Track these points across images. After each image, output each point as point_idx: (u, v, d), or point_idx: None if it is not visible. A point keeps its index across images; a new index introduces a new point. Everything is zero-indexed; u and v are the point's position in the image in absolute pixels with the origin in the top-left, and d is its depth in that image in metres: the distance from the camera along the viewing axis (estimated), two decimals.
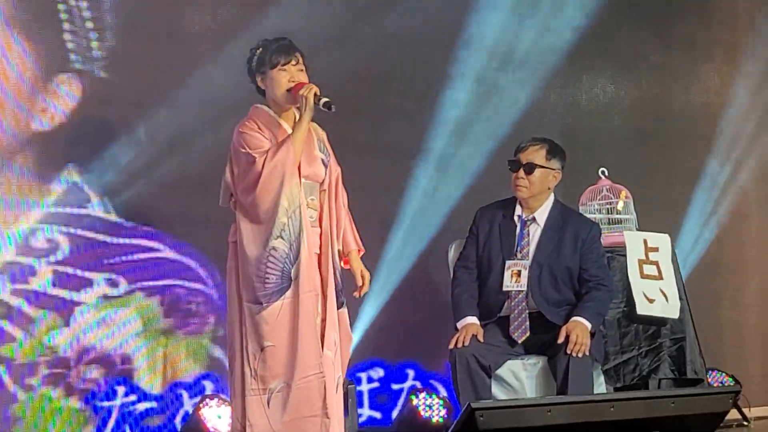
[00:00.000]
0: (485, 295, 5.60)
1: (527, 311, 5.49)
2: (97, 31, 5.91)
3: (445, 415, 6.12)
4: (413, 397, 6.17)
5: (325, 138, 4.92)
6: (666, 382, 5.81)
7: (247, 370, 4.60)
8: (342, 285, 4.81)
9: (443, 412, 6.14)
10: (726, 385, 6.73)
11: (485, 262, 5.63)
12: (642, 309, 5.83)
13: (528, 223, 5.62)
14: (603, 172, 6.21)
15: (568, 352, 5.30)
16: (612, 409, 3.93)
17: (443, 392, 6.48)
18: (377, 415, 6.49)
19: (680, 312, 5.90)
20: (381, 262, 6.42)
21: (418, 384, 6.52)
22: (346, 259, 4.91)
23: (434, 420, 6.12)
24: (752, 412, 6.71)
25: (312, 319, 4.62)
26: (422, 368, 6.59)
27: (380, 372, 6.50)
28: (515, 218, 5.64)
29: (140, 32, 6.01)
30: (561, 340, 5.34)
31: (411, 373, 6.57)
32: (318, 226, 4.77)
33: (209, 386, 6.01)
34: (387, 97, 6.67)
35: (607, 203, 6.11)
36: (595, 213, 6.08)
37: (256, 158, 4.60)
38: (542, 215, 5.63)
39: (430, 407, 6.13)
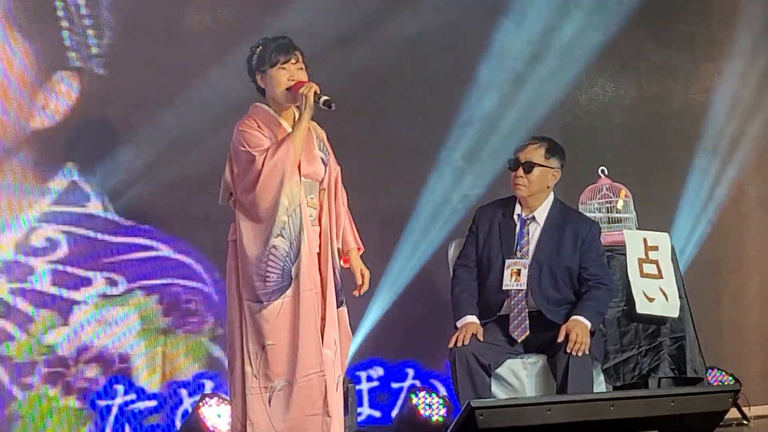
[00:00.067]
0: (485, 294, 5.59)
1: (527, 310, 5.48)
2: (95, 28, 5.91)
3: (445, 414, 6.12)
4: (413, 396, 6.16)
5: (325, 137, 4.91)
6: (666, 380, 5.80)
7: (247, 368, 4.60)
8: (342, 284, 4.81)
9: (443, 411, 6.13)
10: (726, 384, 6.72)
11: (485, 261, 5.62)
12: (642, 308, 5.82)
13: (528, 222, 5.62)
14: (603, 171, 6.21)
15: (568, 351, 5.29)
16: (612, 407, 3.92)
17: (443, 391, 6.48)
18: (377, 414, 6.49)
19: (680, 311, 5.89)
20: (381, 261, 6.42)
21: (418, 383, 6.51)
22: (346, 258, 4.90)
23: (434, 419, 6.11)
24: (752, 411, 6.70)
25: (313, 318, 4.62)
26: (422, 367, 6.58)
27: (380, 371, 6.50)
28: (515, 217, 5.64)
29: (139, 30, 6.01)
30: (561, 339, 5.34)
31: (411, 372, 6.56)
32: (318, 224, 4.77)
33: (209, 385, 6.01)
34: (387, 96, 6.67)
35: (607, 202, 6.11)
36: (594, 212, 6.07)
37: (256, 157, 4.60)
38: (542, 214, 5.62)
39: (430, 406, 6.12)
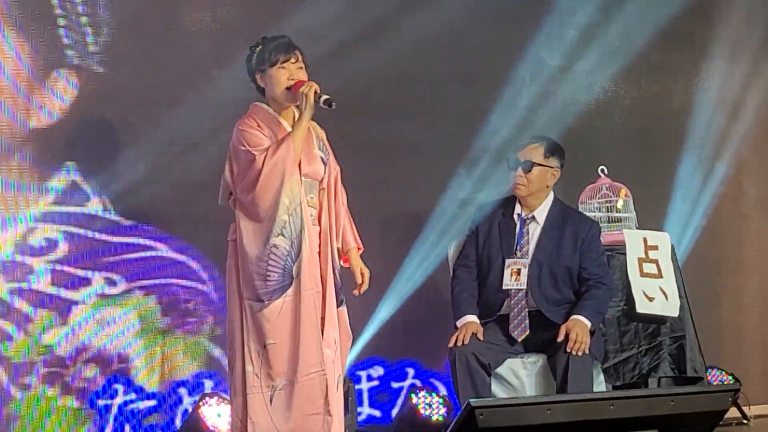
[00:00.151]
0: (485, 294, 5.59)
1: (527, 310, 5.49)
2: (93, 26, 5.90)
3: (445, 414, 6.12)
4: (413, 395, 6.15)
5: (325, 137, 4.91)
6: (666, 380, 5.80)
7: (248, 367, 4.59)
8: (341, 283, 4.81)
9: (443, 410, 6.13)
10: (726, 383, 6.72)
11: (485, 260, 5.62)
12: (642, 307, 5.83)
13: (527, 221, 5.62)
14: (602, 171, 6.21)
15: (568, 350, 5.29)
16: (612, 407, 3.91)
17: (443, 390, 6.48)
18: (377, 413, 6.49)
19: (680, 310, 5.89)
20: (381, 261, 6.42)
21: (418, 382, 6.51)
22: (346, 258, 4.90)
23: (434, 418, 6.11)
24: (752, 411, 6.70)
25: (314, 317, 4.61)
26: (422, 367, 6.58)
27: (380, 370, 6.50)
28: (515, 217, 5.64)
29: (139, 30, 6.01)
30: (561, 338, 5.34)
31: (411, 371, 6.56)
32: (317, 224, 4.76)
33: (209, 384, 6.01)
34: (387, 96, 6.67)
35: (607, 201, 6.11)
36: (594, 211, 6.07)
37: (256, 156, 4.59)
38: (542, 214, 5.62)
39: (430, 405, 6.12)
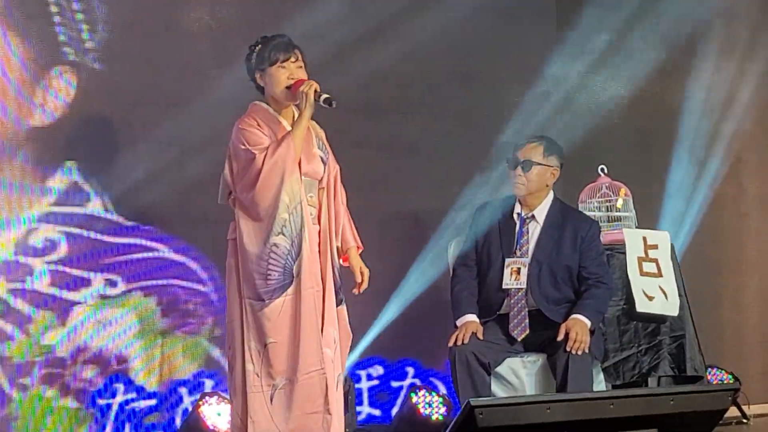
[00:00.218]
0: (485, 293, 5.59)
1: (527, 309, 5.48)
2: (88, 23, 5.89)
3: (445, 413, 6.12)
4: (413, 394, 6.16)
5: (324, 136, 4.90)
6: (666, 379, 5.80)
7: (249, 366, 4.58)
8: (341, 282, 4.81)
9: (443, 409, 6.13)
10: (725, 382, 6.72)
11: (485, 259, 5.62)
12: (641, 306, 5.82)
13: (527, 220, 5.62)
14: (602, 170, 6.21)
15: (568, 349, 5.29)
16: (611, 406, 3.91)
17: (443, 390, 6.48)
18: (377, 412, 6.49)
19: (680, 309, 5.89)
20: (381, 261, 6.41)
21: (418, 381, 6.51)
22: (345, 257, 4.89)
23: (434, 417, 6.11)
24: (751, 410, 6.70)
25: (313, 316, 4.61)
26: (422, 366, 6.59)
27: (380, 370, 6.50)
28: (514, 216, 5.63)
29: (138, 29, 6.02)
30: (561, 337, 5.33)
31: (411, 370, 6.57)
32: (317, 223, 4.76)
33: (208, 383, 6.00)
34: (386, 95, 6.67)
35: (607, 201, 6.11)
36: (594, 210, 6.07)
37: (256, 155, 4.58)
38: (541, 213, 5.62)
39: (430, 405, 6.12)
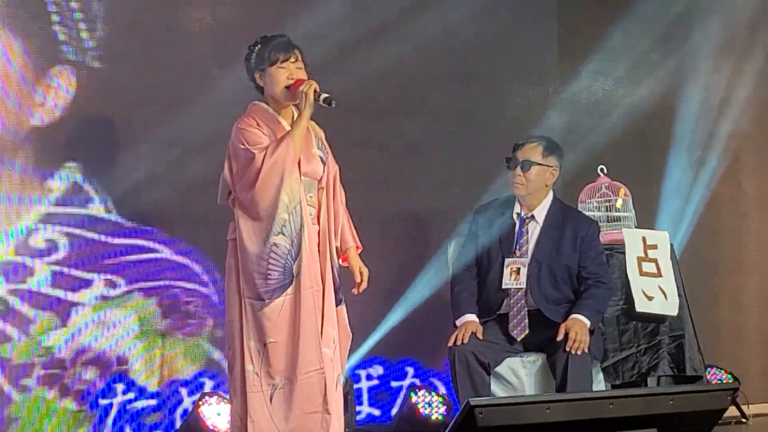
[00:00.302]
0: (484, 293, 5.59)
1: (526, 309, 5.48)
2: (88, 21, 5.89)
3: (445, 413, 6.12)
4: (413, 394, 6.16)
5: (323, 136, 4.90)
6: (665, 379, 5.81)
7: (248, 366, 4.58)
8: (340, 282, 4.81)
9: (442, 409, 6.13)
10: (725, 382, 6.72)
11: (484, 259, 5.62)
12: (641, 306, 5.83)
13: (527, 220, 5.62)
14: (602, 170, 6.21)
15: (567, 349, 5.29)
16: (611, 406, 3.91)
17: (442, 389, 6.49)
18: (377, 412, 6.49)
19: (679, 309, 5.90)
20: (381, 261, 6.41)
21: (418, 381, 6.52)
22: (345, 257, 4.89)
23: (433, 417, 6.12)
24: (751, 410, 6.70)
25: (313, 315, 4.60)
26: (422, 366, 6.59)
27: (380, 369, 6.51)
28: (514, 216, 5.64)
29: (138, 29, 6.02)
30: (560, 337, 5.33)
31: (410, 370, 6.57)
32: (316, 223, 4.76)
33: (208, 384, 6.00)
34: (386, 95, 6.67)
35: (606, 201, 6.11)
36: (594, 210, 6.07)
37: (256, 154, 4.58)
38: (541, 213, 5.62)
39: (430, 404, 6.13)
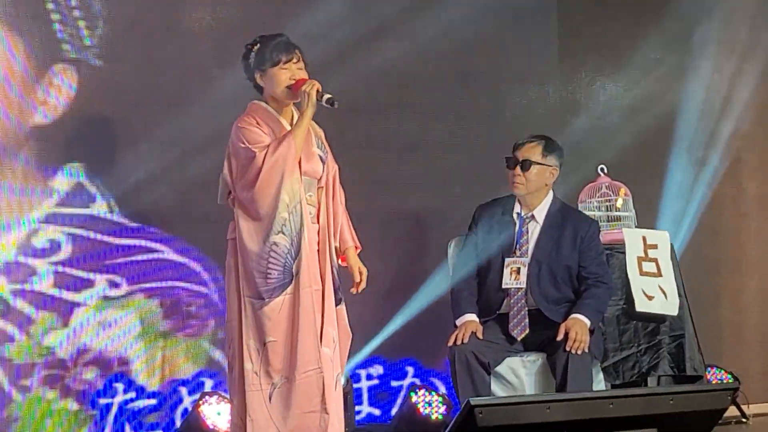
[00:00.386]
0: (484, 293, 5.59)
1: (526, 308, 5.49)
2: (87, 19, 5.88)
3: (445, 412, 6.12)
4: (413, 394, 6.16)
5: (323, 135, 4.91)
6: (665, 379, 5.81)
7: (247, 365, 4.59)
8: (339, 282, 4.81)
9: (442, 409, 6.13)
10: (725, 382, 6.73)
11: (484, 259, 5.63)
12: (641, 306, 5.83)
13: (527, 220, 5.62)
14: (602, 170, 6.22)
15: (568, 349, 5.29)
16: (611, 406, 3.91)
17: (442, 389, 6.48)
18: (377, 412, 6.50)
19: (679, 309, 5.90)
20: (381, 261, 6.41)
21: (418, 381, 6.52)
22: (344, 257, 4.89)
23: (433, 417, 6.11)
24: (751, 409, 6.70)
25: (311, 315, 4.61)
26: (422, 365, 6.59)
27: (380, 369, 6.51)
28: (514, 215, 5.64)
29: (138, 28, 6.01)
30: (560, 337, 5.34)
31: (410, 370, 6.57)
32: (316, 222, 4.76)
33: (208, 383, 6.01)
34: (386, 94, 6.67)
35: (606, 200, 6.11)
36: (594, 210, 6.07)
37: (256, 153, 4.58)
38: (541, 213, 5.63)
39: (430, 404, 6.13)
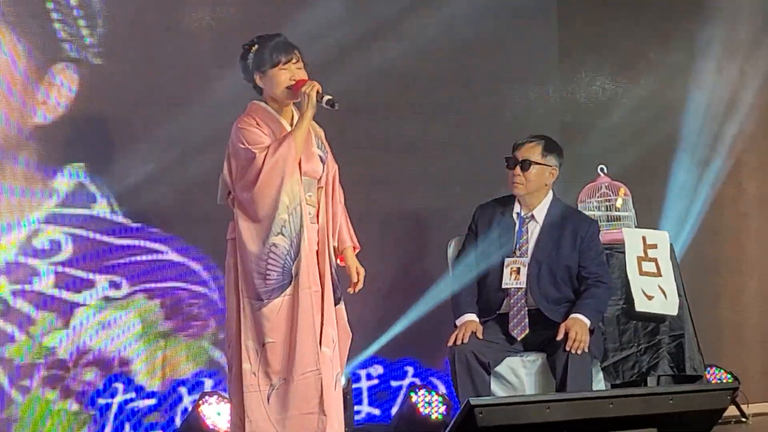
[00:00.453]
0: (484, 293, 5.59)
1: (526, 308, 5.49)
2: (87, 18, 5.88)
3: (444, 412, 6.13)
4: (412, 394, 6.16)
5: (323, 135, 4.90)
6: (665, 378, 5.82)
7: (245, 365, 4.59)
8: (338, 282, 4.81)
9: (442, 409, 6.14)
10: (725, 381, 6.73)
11: (484, 259, 5.63)
12: (641, 306, 5.84)
13: (527, 220, 5.62)
14: (602, 169, 6.22)
15: (567, 349, 5.30)
16: (611, 405, 3.91)
17: (442, 389, 6.48)
18: (376, 411, 6.50)
19: (679, 309, 5.90)
20: (381, 261, 6.42)
21: (418, 381, 6.52)
22: (342, 257, 4.90)
23: (433, 417, 6.12)
24: (750, 409, 6.71)
25: (310, 316, 4.61)
26: (422, 365, 6.59)
27: (380, 369, 6.50)
28: (514, 215, 5.64)
29: (138, 28, 6.00)
30: (560, 337, 5.34)
31: (410, 370, 6.57)
32: (316, 222, 4.76)
33: (208, 383, 6.01)
34: (386, 94, 6.67)
35: (606, 200, 6.12)
36: (594, 210, 6.08)
37: (257, 154, 4.58)
38: (541, 213, 5.63)
39: (430, 404, 6.13)
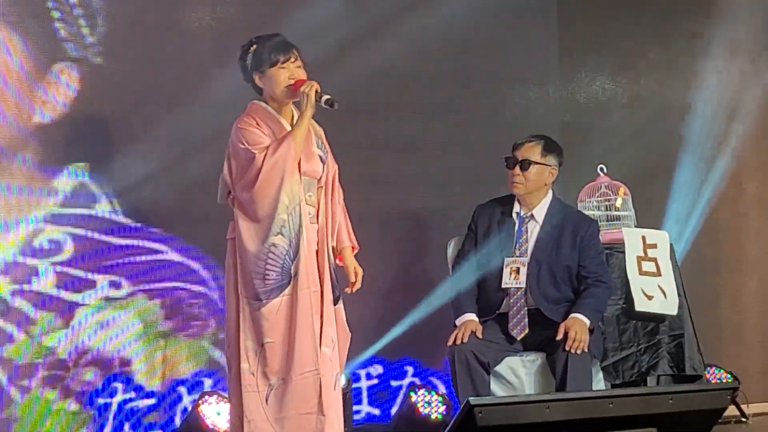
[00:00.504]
0: (484, 292, 5.60)
1: (526, 308, 5.49)
2: (87, 17, 5.87)
3: (444, 412, 6.13)
4: (412, 393, 6.16)
5: (323, 135, 4.90)
6: (665, 378, 5.82)
7: (244, 365, 4.59)
8: (337, 281, 4.81)
9: (442, 408, 6.14)
10: (724, 381, 6.73)
11: (484, 259, 5.63)
12: (640, 306, 5.84)
13: (526, 220, 5.62)
14: (602, 169, 6.22)
15: (567, 348, 5.30)
16: (611, 405, 3.91)
17: (442, 389, 6.48)
18: (376, 411, 6.50)
19: (679, 308, 5.91)
20: (381, 261, 6.42)
21: (417, 381, 6.52)
22: (340, 256, 4.90)
23: (433, 417, 6.12)
24: (750, 409, 6.71)
25: (309, 316, 4.61)
26: (421, 365, 6.59)
27: (379, 369, 6.51)
28: (513, 215, 5.64)
29: (139, 28, 6.00)
30: (560, 336, 5.34)
31: (410, 369, 6.57)
32: (316, 222, 4.77)
33: (208, 383, 6.01)
34: (386, 94, 6.67)
35: (606, 200, 6.12)
36: (593, 210, 6.08)
37: (256, 154, 4.58)
38: (540, 212, 5.63)
39: (429, 404, 6.13)
